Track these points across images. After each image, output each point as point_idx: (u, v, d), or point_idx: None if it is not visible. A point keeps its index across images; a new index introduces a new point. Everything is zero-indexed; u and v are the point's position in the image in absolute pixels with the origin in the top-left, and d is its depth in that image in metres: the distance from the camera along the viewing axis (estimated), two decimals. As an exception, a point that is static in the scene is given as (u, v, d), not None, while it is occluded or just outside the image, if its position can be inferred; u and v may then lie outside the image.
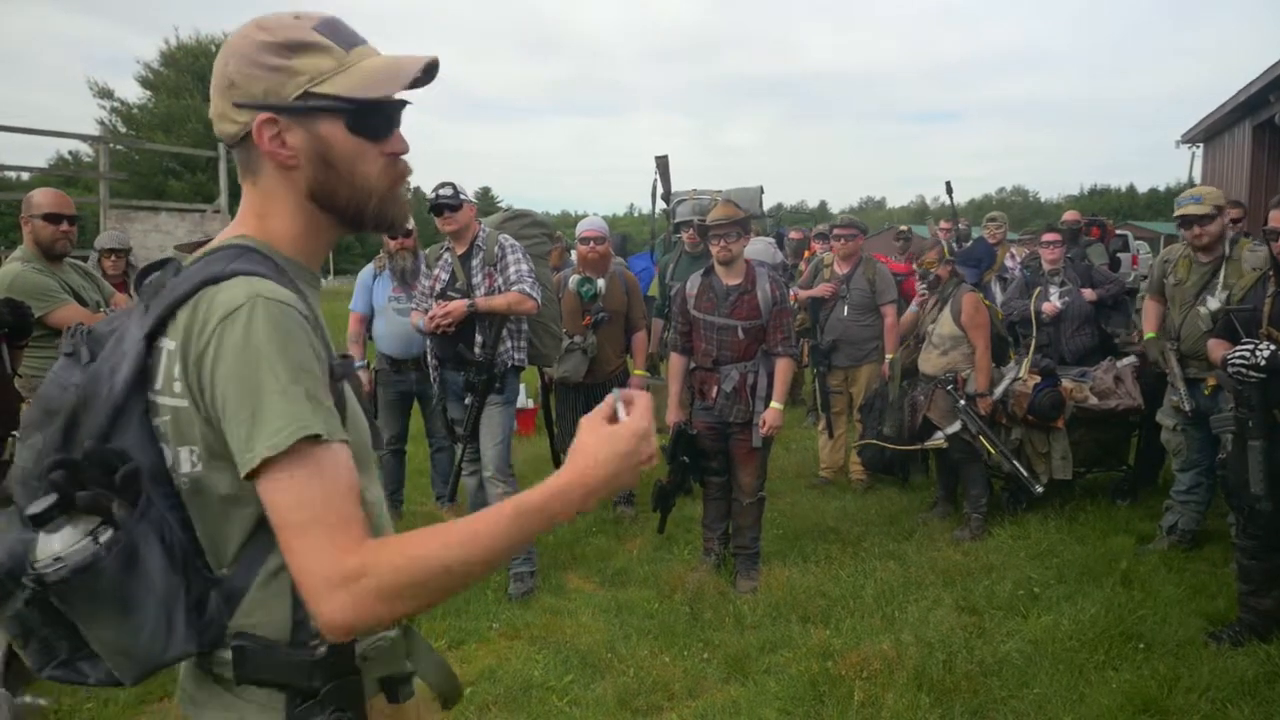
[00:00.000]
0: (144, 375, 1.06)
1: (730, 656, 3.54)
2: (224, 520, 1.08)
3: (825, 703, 3.16)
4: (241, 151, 1.14)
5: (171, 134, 25.99)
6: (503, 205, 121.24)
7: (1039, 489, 4.81)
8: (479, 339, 4.24)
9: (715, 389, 4.31)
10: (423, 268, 5.31)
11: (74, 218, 3.72)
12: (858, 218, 6.70)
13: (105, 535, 0.99)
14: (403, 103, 1.16)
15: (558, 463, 5.40)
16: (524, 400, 7.79)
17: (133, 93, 28.82)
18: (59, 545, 0.98)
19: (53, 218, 3.63)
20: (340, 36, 1.12)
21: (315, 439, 0.99)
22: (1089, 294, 5.60)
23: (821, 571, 4.41)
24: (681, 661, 3.54)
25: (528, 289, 4.16)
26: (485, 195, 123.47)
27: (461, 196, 4.34)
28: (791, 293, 6.00)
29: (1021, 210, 74.99)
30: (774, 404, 4.24)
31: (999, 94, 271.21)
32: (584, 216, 6.01)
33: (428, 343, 4.48)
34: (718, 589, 4.21)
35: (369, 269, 5.40)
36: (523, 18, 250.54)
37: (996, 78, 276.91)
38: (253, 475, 0.99)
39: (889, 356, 5.77)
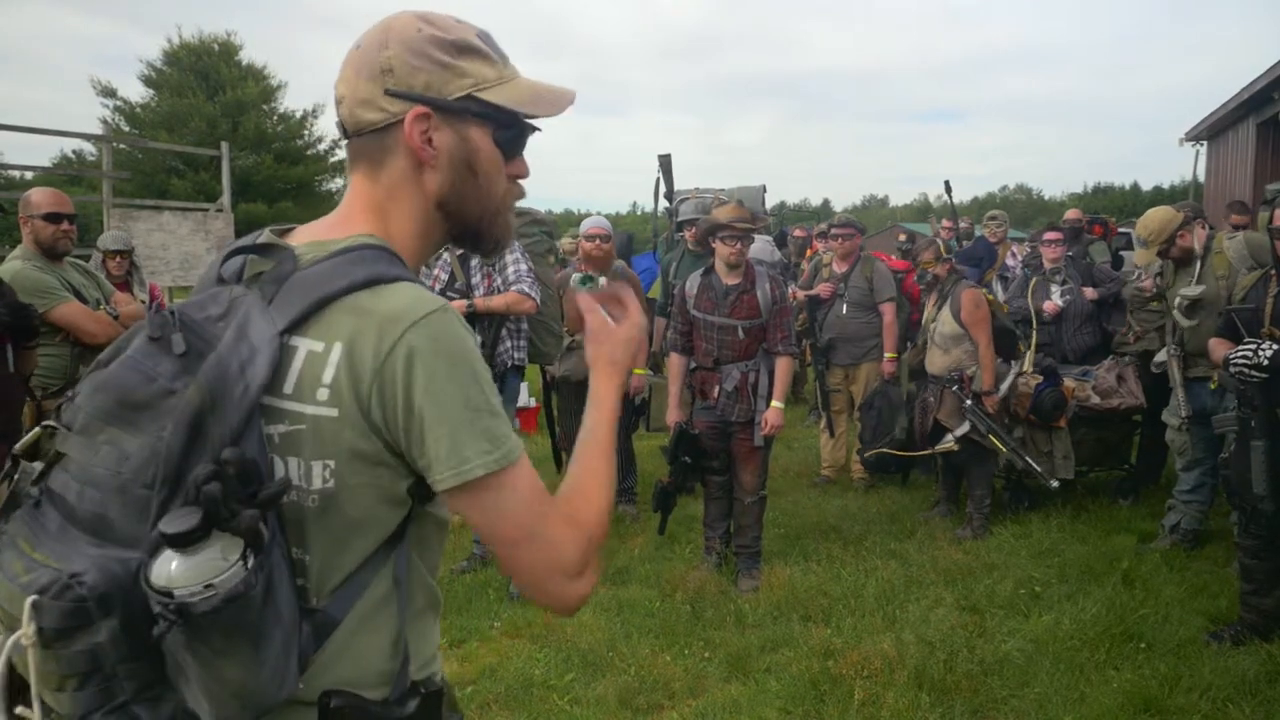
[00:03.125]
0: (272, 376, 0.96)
1: (731, 655, 3.54)
2: (342, 545, 1.01)
3: (826, 702, 3.17)
4: (369, 141, 1.08)
5: (174, 133, 25.94)
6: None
7: (1054, 483, 4.79)
8: (478, 339, 4.24)
9: (717, 388, 4.30)
10: (421, 268, 5.35)
11: (73, 216, 3.73)
12: (855, 217, 6.71)
13: (253, 560, 0.87)
14: (536, 129, 1.15)
15: (559, 461, 5.43)
16: (525, 399, 7.80)
17: (136, 91, 28.76)
18: (200, 570, 0.84)
19: (53, 217, 3.63)
20: (498, 50, 1.11)
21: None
22: (1090, 293, 5.59)
23: (823, 570, 4.40)
24: (682, 660, 3.55)
25: (526, 289, 4.18)
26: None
27: None
28: (791, 291, 6.00)
29: (1025, 208, 74.92)
30: (775, 403, 4.24)
31: (1002, 92, 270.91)
32: (587, 215, 6.02)
33: None
34: (719, 588, 4.21)
35: None
36: (526, 17, 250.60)
37: (1000, 76, 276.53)
38: (453, 490, 0.98)
39: (888, 355, 5.77)
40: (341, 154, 31.42)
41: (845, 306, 5.81)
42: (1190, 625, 3.68)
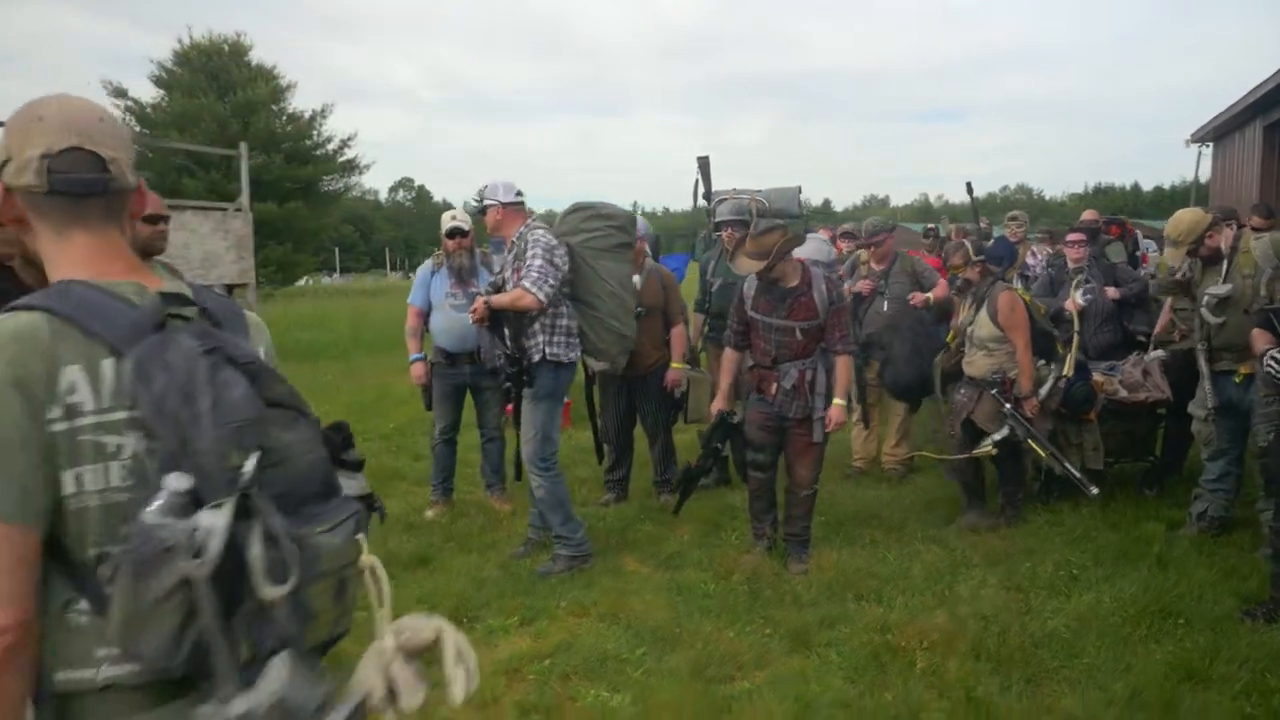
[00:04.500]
0: None
1: (791, 631, 3.75)
2: None
3: (888, 671, 3.38)
4: (121, 198, 1.39)
5: (185, 133, 26.14)
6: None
7: (1094, 491, 4.74)
8: (507, 332, 4.44)
9: (774, 385, 4.43)
10: (479, 265, 5.53)
11: (169, 218, 3.92)
12: (882, 219, 6.91)
13: None
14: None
15: (600, 453, 5.65)
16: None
17: (146, 92, 28.97)
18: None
19: (153, 219, 3.83)
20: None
21: None
22: (1112, 292, 5.79)
23: (868, 554, 4.61)
24: (745, 636, 3.75)
25: (528, 285, 4.26)
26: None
27: (488, 201, 4.56)
28: (847, 287, 6.21)
29: (1026, 208, 74.77)
30: (836, 401, 4.38)
31: (1002, 92, 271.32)
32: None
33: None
34: (772, 570, 4.42)
35: (427, 265, 5.62)
36: (528, 17, 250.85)
37: (999, 75, 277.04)
38: None
39: (923, 295, 5.95)
40: (350, 154, 31.92)
41: (886, 303, 6.01)
42: (1223, 604, 3.89)
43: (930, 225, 9.84)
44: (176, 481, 1.13)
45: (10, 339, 1.16)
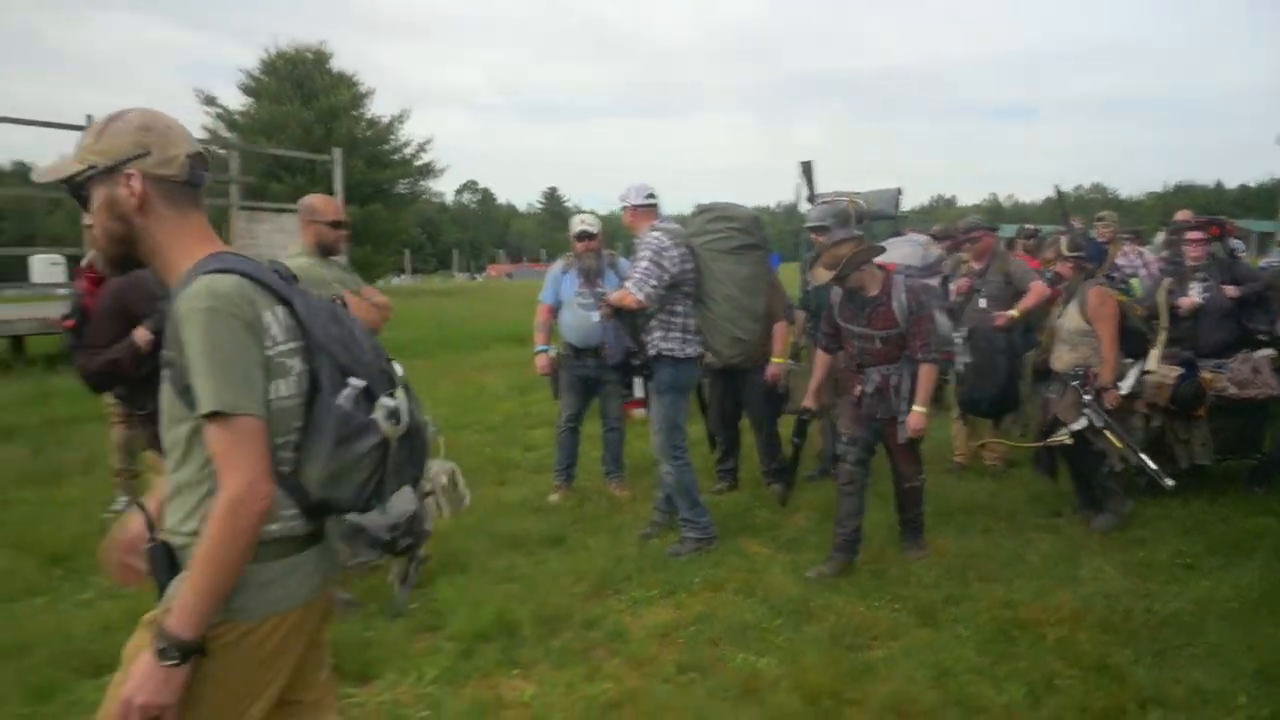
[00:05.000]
0: None
1: (919, 607, 3.99)
2: None
3: (1018, 643, 3.60)
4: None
5: (272, 139, 27.14)
6: (570, 206, 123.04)
7: (1169, 483, 4.81)
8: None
9: (860, 389, 4.60)
10: (606, 266, 5.85)
11: (350, 224, 4.33)
12: (983, 218, 7.06)
13: None
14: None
15: (713, 443, 5.92)
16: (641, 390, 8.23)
17: (235, 100, 30.09)
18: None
19: (337, 224, 4.23)
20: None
21: None
22: (1231, 290, 5.86)
23: (984, 540, 4.82)
24: (875, 611, 4.01)
25: (629, 285, 4.62)
26: (552, 196, 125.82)
27: (622, 204, 4.91)
28: (954, 286, 6.39)
29: (1101, 208, 73.24)
30: (916, 407, 4.44)
31: (1074, 88, 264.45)
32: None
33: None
34: (894, 554, 4.65)
35: (559, 265, 6.00)
36: (588, 20, 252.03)
37: (1071, 71, 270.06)
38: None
39: (1007, 313, 5.93)
40: (427, 157, 32.71)
41: (982, 301, 6.18)
42: (1344, 594, 4.01)
43: (1028, 225, 9.90)
44: (357, 382, 1.69)
45: (234, 293, 1.59)
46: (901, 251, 5.65)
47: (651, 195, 4.90)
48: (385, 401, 1.71)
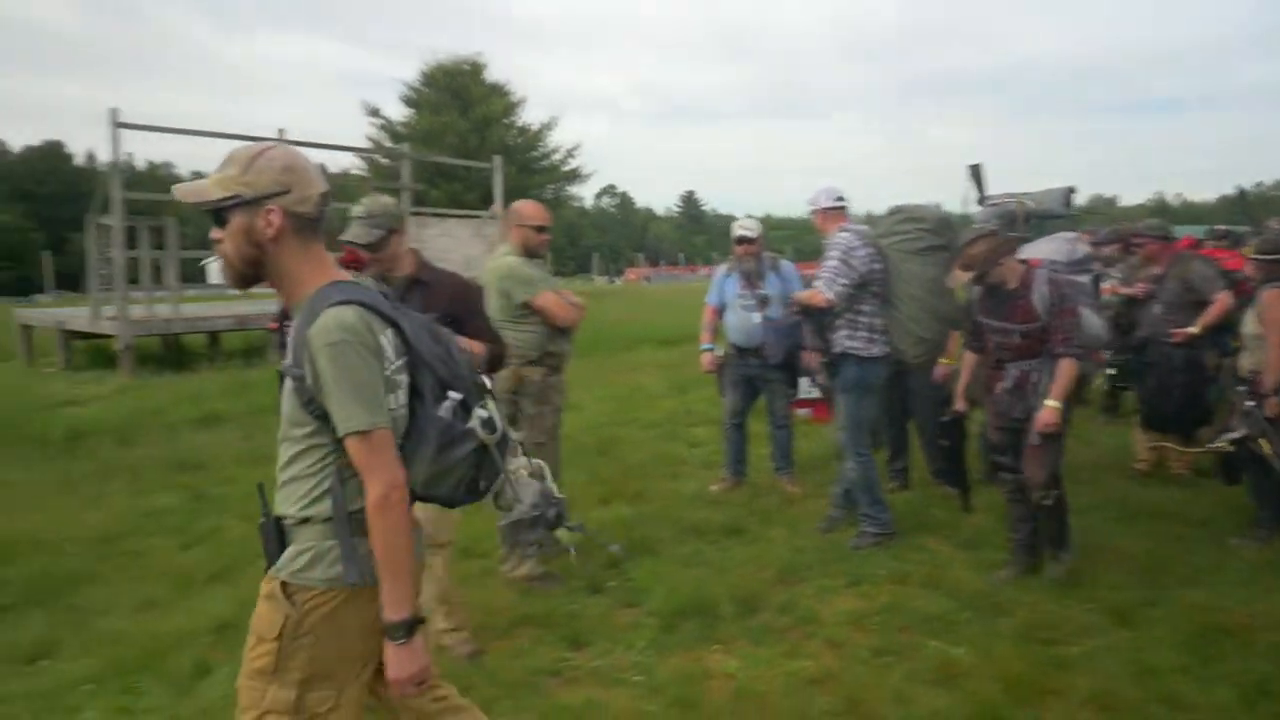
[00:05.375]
0: None
1: (1112, 607, 3.99)
2: None
3: (1223, 646, 3.56)
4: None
5: (431, 147, 28.57)
6: (706, 209, 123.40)
7: None
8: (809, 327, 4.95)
9: (998, 386, 4.52)
10: (767, 268, 6.04)
11: (551, 228, 4.66)
12: (1162, 221, 6.84)
13: None
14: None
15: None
16: (808, 389, 8.35)
17: (397, 111, 31.81)
18: None
19: (541, 229, 4.59)
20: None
21: None
22: None
23: (1177, 546, 4.72)
24: (1066, 609, 4.03)
25: (819, 285, 4.79)
26: (689, 200, 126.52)
27: (810, 207, 5.08)
28: (1106, 286, 6.25)
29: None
30: (1049, 402, 4.25)
31: (1240, 79, 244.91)
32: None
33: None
34: (1085, 555, 4.61)
35: (722, 269, 6.25)
36: (721, 23, 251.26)
37: (1237, 61, 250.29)
38: None
39: (1191, 330, 5.75)
40: (575, 163, 33.62)
41: (1158, 308, 5.99)
42: None
43: (1219, 227, 9.47)
44: (455, 394, 1.95)
45: (358, 324, 1.84)
46: (1046, 248, 5.53)
47: (840, 198, 5.06)
48: (480, 412, 1.98)
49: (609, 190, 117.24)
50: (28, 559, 4.91)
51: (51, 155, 79.43)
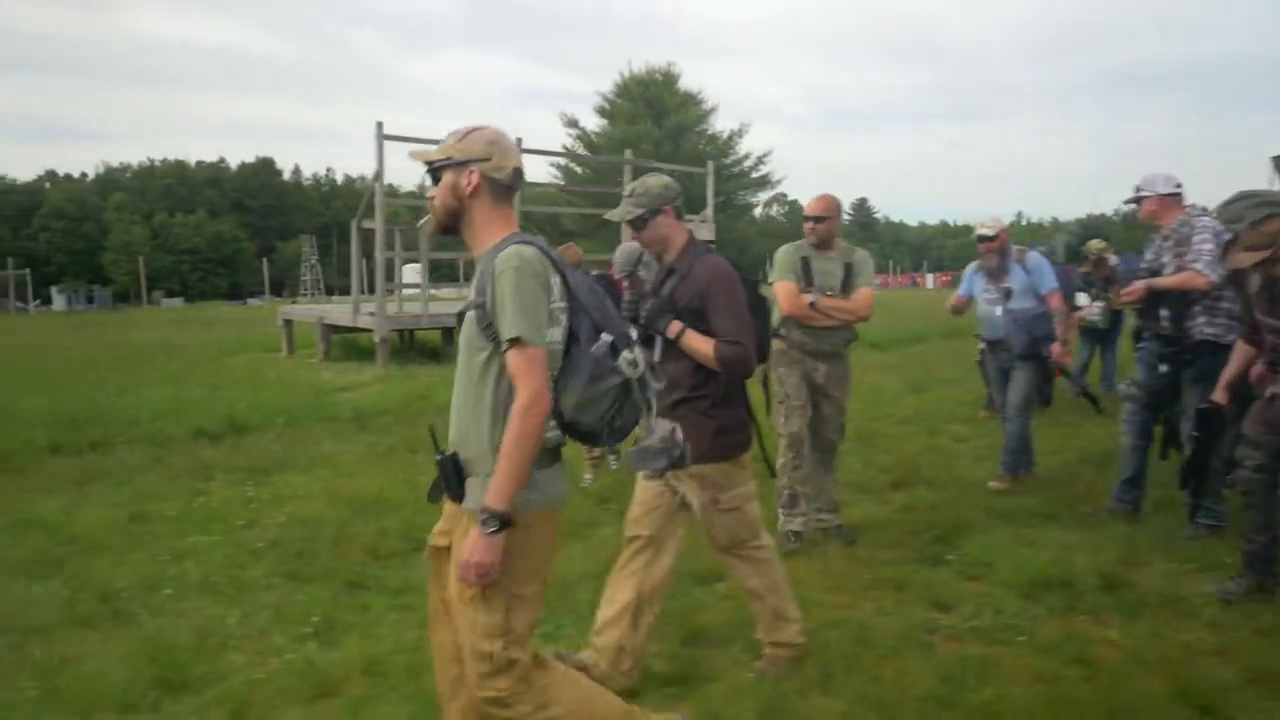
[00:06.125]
0: None
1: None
2: None
3: None
4: None
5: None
6: (878, 216, 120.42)
7: None
8: (1164, 313, 4.81)
9: (1272, 391, 4.13)
10: (1012, 263, 5.99)
11: (818, 218, 4.83)
12: None
13: None
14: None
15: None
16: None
17: (592, 122, 33.06)
18: None
19: (818, 219, 4.79)
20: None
21: None
22: None
23: None
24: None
25: (1200, 267, 4.61)
26: (861, 207, 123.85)
27: (1144, 193, 4.97)
28: None
29: None
30: None
31: None
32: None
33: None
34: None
35: (972, 265, 6.35)
36: (888, 25, 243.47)
37: None
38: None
39: None
40: (766, 169, 33.86)
41: None
42: None
43: None
44: (606, 337, 2.24)
45: (535, 259, 2.19)
46: None
47: (1179, 184, 4.98)
48: (626, 354, 2.26)
49: (778, 198, 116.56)
50: (395, 513, 5.53)
51: (264, 170, 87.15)
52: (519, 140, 14.47)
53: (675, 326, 3.15)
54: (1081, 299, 8.93)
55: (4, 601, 4.18)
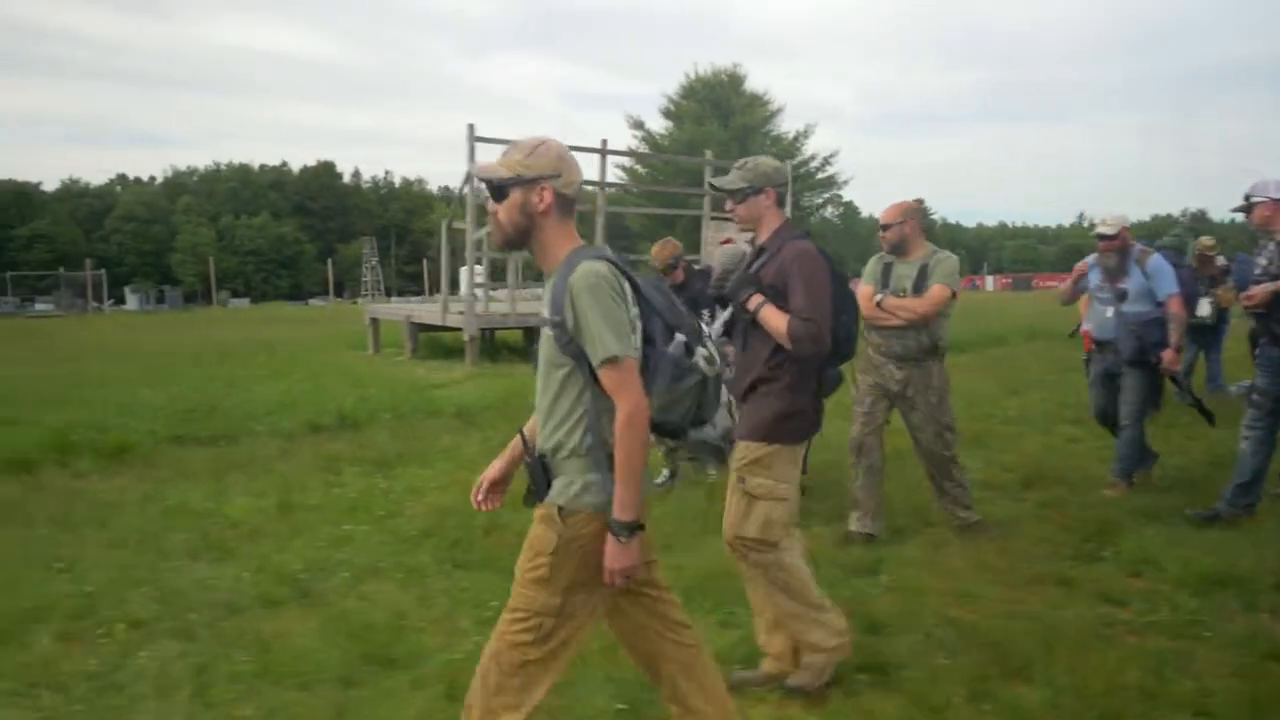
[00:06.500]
0: None
1: None
2: None
3: None
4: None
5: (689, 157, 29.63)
6: (935, 218, 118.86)
7: None
8: None
9: None
10: (1132, 264, 5.88)
11: (893, 225, 4.87)
12: None
13: None
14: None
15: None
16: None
17: (658, 124, 33.19)
18: None
19: (885, 226, 4.82)
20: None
21: None
22: None
23: None
24: None
25: None
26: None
27: (1256, 198, 4.92)
28: None
29: None
30: None
31: None
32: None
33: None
34: None
35: (1091, 259, 6.17)
36: (946, 26, 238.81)
37: None
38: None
39: None
40: (831, 170, 33.64)
41: None
42: None
43: None
44: (680, 336, 2.29)
45: (610, 273, 2.19)
46: None
47: None
48: (701, 351, 2.31)
49: (834, 199, 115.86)
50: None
51: (325, 174, 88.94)
52: (604, 142, 14.68)
53: (755, 299, 3.21)
54: (1204, 307, 8.56)
55: (188, 583, 4.38)
